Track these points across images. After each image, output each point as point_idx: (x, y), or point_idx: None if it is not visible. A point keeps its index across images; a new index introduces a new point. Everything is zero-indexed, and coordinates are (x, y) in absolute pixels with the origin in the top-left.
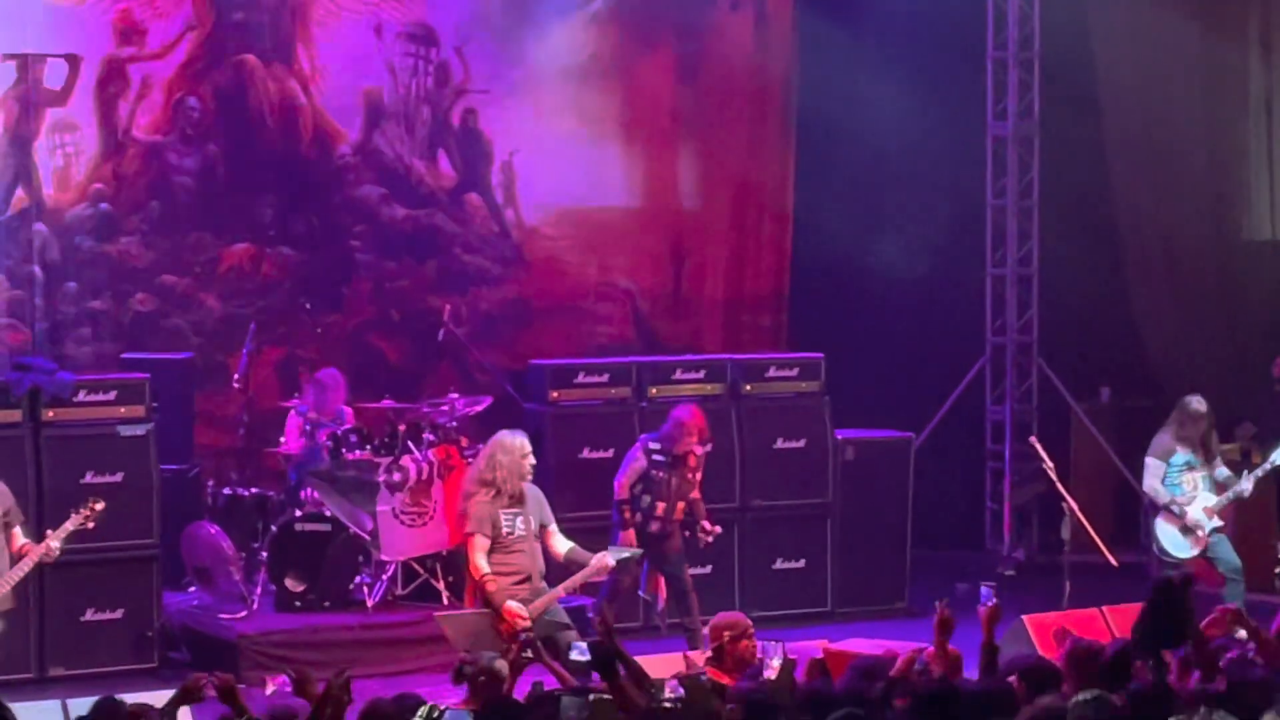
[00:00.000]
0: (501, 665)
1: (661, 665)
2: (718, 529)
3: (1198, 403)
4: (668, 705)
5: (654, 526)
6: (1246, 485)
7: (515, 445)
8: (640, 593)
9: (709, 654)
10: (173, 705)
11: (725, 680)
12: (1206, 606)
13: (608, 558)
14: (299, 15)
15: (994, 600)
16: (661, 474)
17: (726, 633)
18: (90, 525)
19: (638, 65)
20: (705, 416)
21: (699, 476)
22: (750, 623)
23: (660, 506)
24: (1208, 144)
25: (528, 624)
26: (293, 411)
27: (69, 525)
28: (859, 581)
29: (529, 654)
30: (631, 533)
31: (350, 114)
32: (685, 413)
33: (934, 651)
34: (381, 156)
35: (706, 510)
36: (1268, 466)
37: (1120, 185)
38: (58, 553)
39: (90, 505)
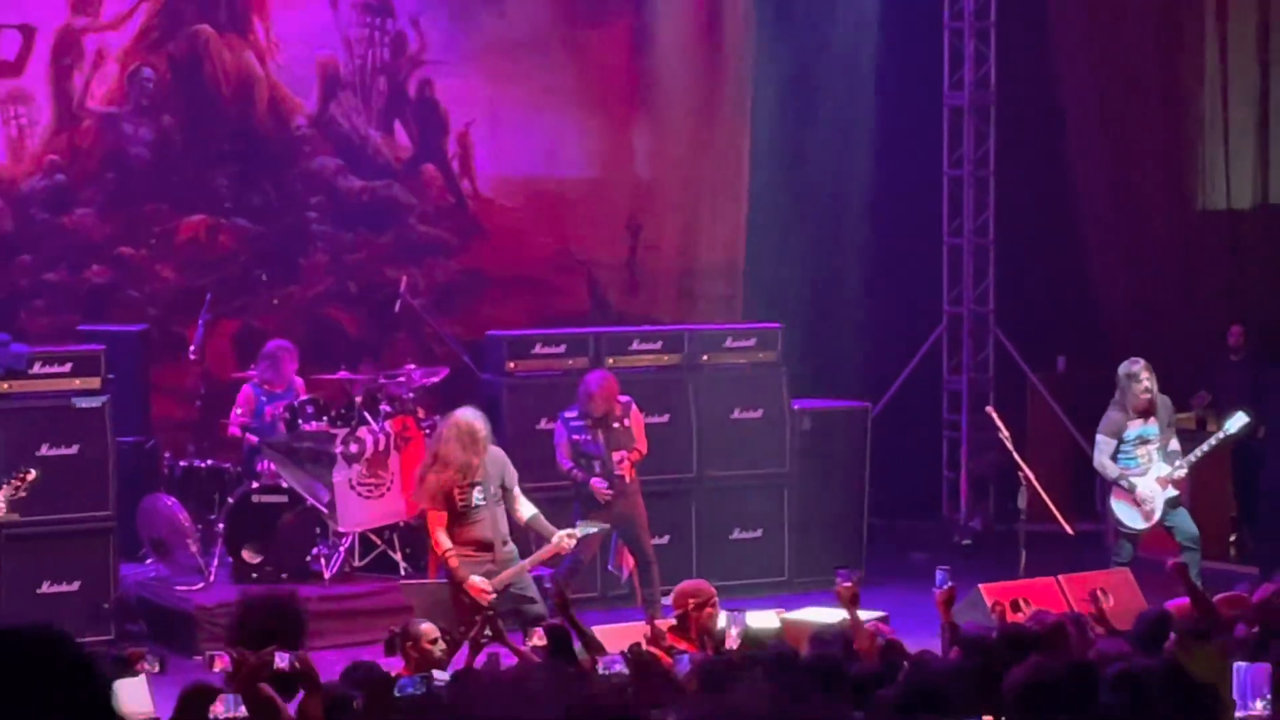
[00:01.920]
0: (428, 628)
1: (621, 635)
2: (631, 467)
3: (1128, 363)
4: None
5: (603, 486)
6: (1208, 444)
7: (469, 427)
8: (610, 567)
9: (673, 622)
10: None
11: (689, 648)
12: (1155, 575)
13: (574, 534)
14: None
15: (949, 583)
16: (588, 437)
17: (691, 600)
18: (23, 494)
19: (593, 36)
20: (616, 381)
21: (628, 424)
22: (714, 591)
23: (597, 464)
24: (1164, 114)
25: (491, 598)
26: (247, 384)
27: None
28: (816, 551)
29: (489, 633)
30: (600, 481)
31: (306, 85)
32: (594, 382)
33: (852, 624)
34: (338, 128)
35: (634, 460)
36: (1222, 435)
37: (1076, 156)
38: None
39: (20, 474)
